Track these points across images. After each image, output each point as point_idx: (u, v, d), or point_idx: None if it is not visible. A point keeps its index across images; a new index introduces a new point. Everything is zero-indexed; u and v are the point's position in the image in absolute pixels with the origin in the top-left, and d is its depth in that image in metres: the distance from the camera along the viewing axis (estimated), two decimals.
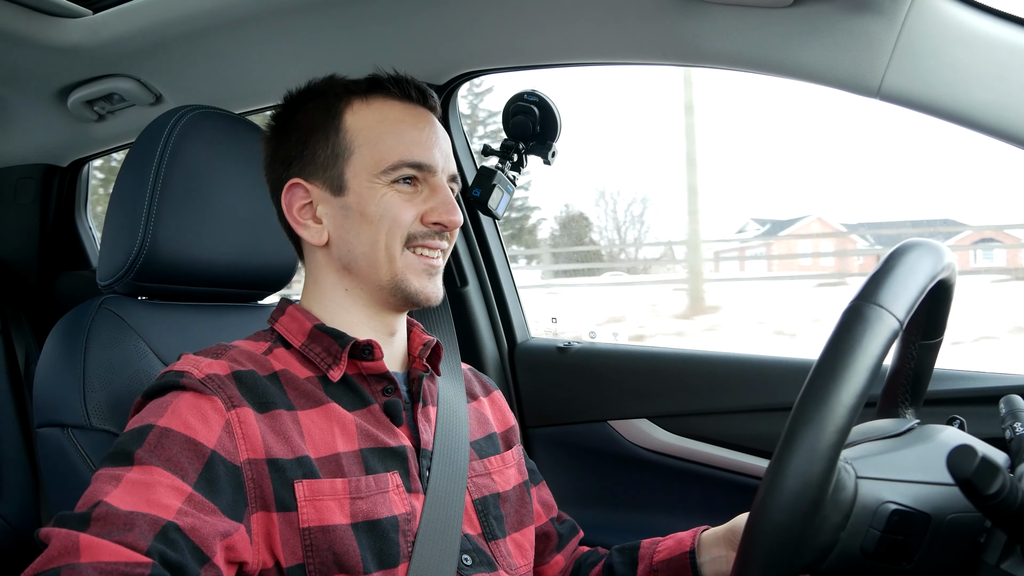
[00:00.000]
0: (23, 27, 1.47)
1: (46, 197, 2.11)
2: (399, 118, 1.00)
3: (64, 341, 1.06)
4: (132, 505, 0.75)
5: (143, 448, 0.80)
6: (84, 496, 0.77)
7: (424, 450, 0.98)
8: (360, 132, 0.99)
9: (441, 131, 1.03)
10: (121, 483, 0.77)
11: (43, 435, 1.02)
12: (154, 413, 0.84)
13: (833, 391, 0.60)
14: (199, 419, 0.84)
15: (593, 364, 1.66)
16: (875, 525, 0.65)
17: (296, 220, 1.01)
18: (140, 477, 0.78)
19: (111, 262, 1.11)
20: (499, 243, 1.76)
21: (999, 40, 0.94)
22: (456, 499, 0.97)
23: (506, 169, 1.53)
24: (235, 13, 1.38)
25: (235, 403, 0.87)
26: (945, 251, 0.72)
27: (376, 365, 0.98)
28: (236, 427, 0.85)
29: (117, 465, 0.80)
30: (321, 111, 1.01)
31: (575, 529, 1.23)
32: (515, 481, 1.10)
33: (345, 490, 0.89)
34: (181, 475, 0.80)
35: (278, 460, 0.86)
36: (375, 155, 0.98)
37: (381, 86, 1.01)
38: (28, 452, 1.84)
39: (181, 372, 0.89)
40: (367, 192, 0.97)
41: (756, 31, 1.09)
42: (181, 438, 0.82)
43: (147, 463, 0.79)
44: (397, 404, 0.98)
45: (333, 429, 0.92)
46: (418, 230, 0.98)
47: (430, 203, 0.99)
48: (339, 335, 0.98)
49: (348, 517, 0.87)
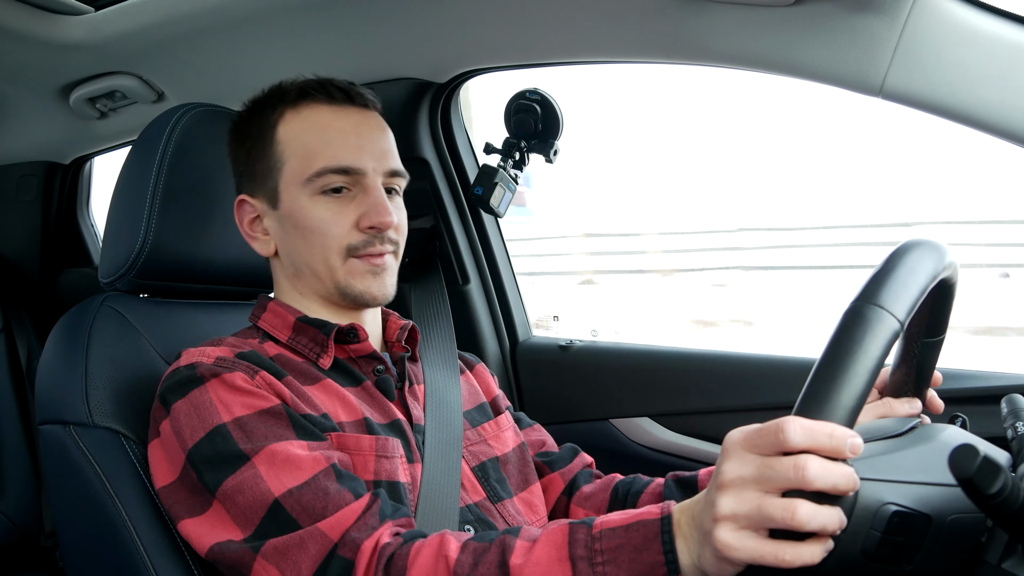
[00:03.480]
0: (25, 24, 1.47)
1: (48, 194, 2.11)
2: (326, 123, 0.99)
3: (66, 338, 1.06)
4: (299, 478, 0.80)
5: (240, 443, 0.83)
6: (245, 513, 0.80)
7: (417, 424, 1.00)
8: (290, 143, 0.99)
9: (375, 129, 1.02)
10: (265, 476, 0.80)
11: (45, 432, 1.02)
12: (208, 413, 0.85)
13: (833, 393, 0.60)
14: (243, 392, 0.86)
15: (595, 362, 1.66)
16: (875, 526, 0.65)
17: (247, 233, 1.05)
18: (270, 460, 0.81)
19: (113, 259, 1.11)
20: (501, 241, 1.76)
21: (1001, 39, 0.94)
22: (452, 470, 0.98)
23: (508, 167, 1.53)
24: (237, 11, 1.38)
25: (254, 371, 0.89)
26: (946, 250, 0.72)
27: (363, 346, 1.01)
28: (266, 388, 0.88)
29: (237, 469, 0.82)
30: (259, 124, 1.02)
31: (575, 451, 1.19)
32: (513, 443, 1.11)
33: (371, 447, 0.90)
34: (287, 438, 0.83)
35: (308, 415, 0.88)
36: (302, 164, 0.98)
37: (307, 92, 1.01)
38: (30, 450, 1.85)
39: (192, 364, 0.90)
40: (296, 203, 0.98)
41: (758, 30, 1.09)
42: (254, 417, 0.84)
43: (260, 448, 0.82)
44: (389, 381, 1.01)
45: (335, 402, 0.94)
46: (356, 240, 0.98)
47: (362, 207, 0.98)
48: (322, 324, 0.99)
49: (372, 474, 0.89)
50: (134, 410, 1.01)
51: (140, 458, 0.97)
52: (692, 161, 11.12)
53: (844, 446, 0.58)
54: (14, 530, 1.77)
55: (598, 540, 0.69)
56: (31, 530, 1.80)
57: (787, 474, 0.58)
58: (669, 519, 0.68)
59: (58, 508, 1.03)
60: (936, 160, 7.57)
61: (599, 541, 0.69)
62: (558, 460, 1.17)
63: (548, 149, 1.51)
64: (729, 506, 0.60)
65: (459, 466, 0.99)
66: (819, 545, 0.59)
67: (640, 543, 0.67)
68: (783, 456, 0.59)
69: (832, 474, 0.58)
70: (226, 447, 0.82)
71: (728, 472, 0.61)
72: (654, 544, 0.67)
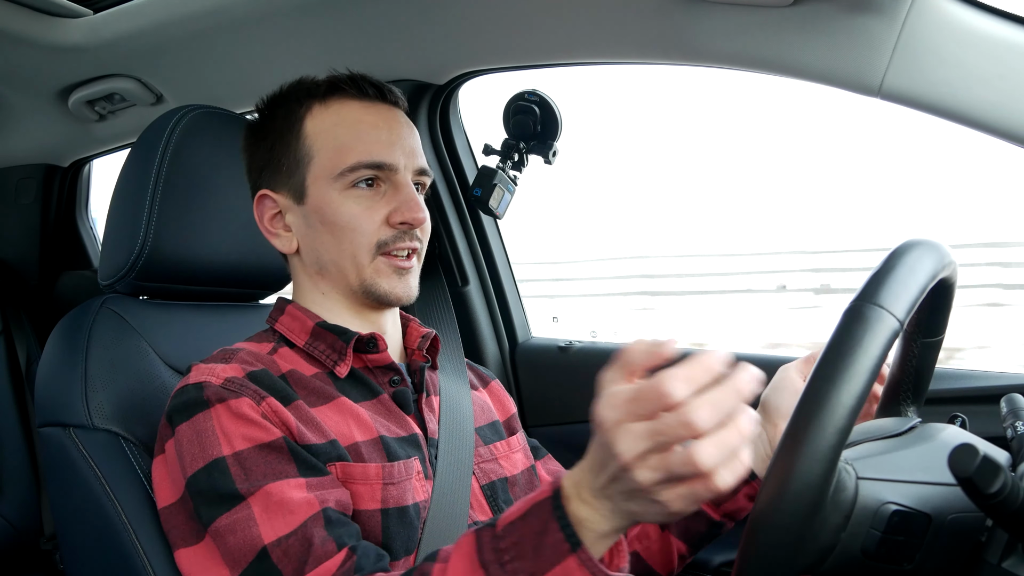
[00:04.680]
0: (24, 27, 1.48)
1: (47, 197, 2.11)
2: (357, 118, 0.99)
3: (65, 341, 1.06)
4: (291, 524, 0.80)
5: (237, 481, 0.82)
6: (234, 554, 0.80)
7: (431, 439, 0.99)
8: (319, 137, 0.98)
9: (405, 126, 1.02)
10: (259, 520, 0.80)
11: (44, 435, 1.02)
12: (209, 443, 0.84)
13: (833, 392, 0.60)
14: (247, 423, 0.85)
15: (594, 363, 1.64)
16: (876, 526, 0.65)
17: (267, 230, 1.02)
18: (265, 503, 0.81)
19: (112, 262, 1.11)
20: (500, 242, 1.76)
21: (1000, 39, 0.94)
22: (463, 485, 0.97)
23: (507, 169, 1.53)
24: (236, 13, 1.38)
25: (262, 396, 0.88)
26: (946, 250, 0.72)
27: (382, 357, 0.99)
28: (272, 416, 0.87)
29: (231, 508, 0.81)
30: (284, 118, 1.01)
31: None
32: (523, 465, 1.10)
33: (378, 475, 0.89)
34: (285, 476, 0.82)
35: (312, 445, 0.87)
36: (332, 159, 0.97)
37: (338, 87, 1.00)
38: (29, 452, 1.85)
39: (200, 384, 0.88)
40: (325, 197, 0.97)
41: (756, 30, 1.09)
42: (254, 451, 0.83)
43: (256, 489, 0.81)
44: (406, 393, 1.00)
45: (348, 421, 0.93)
46: (387, 235, 0.97)
47: (393, 203, 0.97)
48: (342, 331, 0.98)
49: (379, 503, 0.88)
50: (134, 412, 1.01)
51: (140, 460, 0.97)
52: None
53: (717, 366, 0.56)
54: (14, 533, 1.77)
55: (501, 539, 0.67)
56: (31, 533, 1.80)
57: (679, 432, 0.55)
58: (559, 493, 0.65)
59: (58, 511, 1.03)
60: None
61: (502, 539, 0.66)
62: None
63: (547, 150, 1.51)
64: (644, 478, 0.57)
65: (469, 482, 0.98)
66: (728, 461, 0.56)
67: (538, 527, 0.65)
68: (667, 413, 0.56)
69: (722, 406, 0.55)
70: (223, 484, 0.82)
71: (625, 453, 0.58)
72: (551, 524, 0.64)
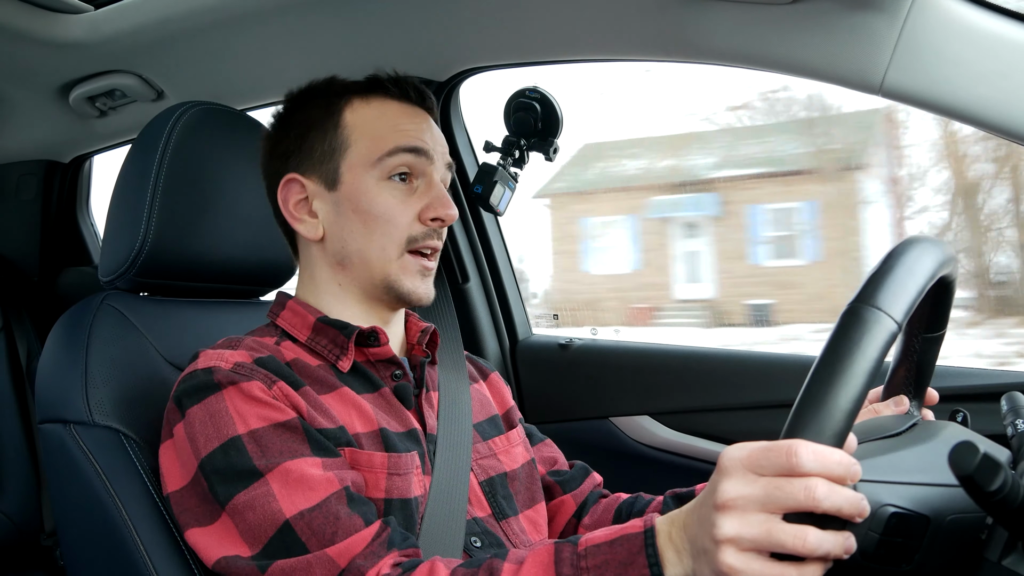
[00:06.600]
0: (25, 23, 1.47)
1: (48, 193, 2.11)
2: (397, 113, 1.01)
3: (66, 337, 1.06)
4: (312, 499, 0.80)
5: (255, 458, 0.82)
6: (254, 530, 0.80)
7: (430, 434, 1.00)
8: (358, 127, 1.00)
9: (437, 129, 1.04)
10: (278, 495, 0.80)
11: (45, 431, 1.02)
12: (223, 423, 0.85)
13: (830, 396, 0.59)
14: (260, 404, 0.86)
15: (594, 361, 1.66)
16: (874, 528, 0.65)
17: (292, 215, 1.01)
18: (284, 479, 0.81)
19: (113, 258, 1.11)
20: (500, 240, 1.76)
21: (1001, 37, 0.94)
22: (460, 482, 0.98)
23: (508, 166, 1.53)
24: (236, 9, 1.38)
25: (272, 380, 0.88)
26: (945, 248, 0.71)
27: (383, 350, 1.00)
28: (283, 399, 0.87)
29: (249, 484, 0.81)
30: (321, 108, 1.01)
31: (586, 471, 1.19)
32: (522, 459, 1.10)
33: (383, 464, 0.90)
34: (301, 455, 0.83)
35: (323, 429, 0.88)
36: (370, 147, 0.98)
37: (381, 86, 1.02)
38: (30, 449, 1.85)
39: (209, 368, 0.88)
40: (360, 185, 0.98)
41: (758, 28, 1.09)
42: (269, 430, 0.84)
43: (274, 465, 0.82)
44: (407, 388, 1.00)
45: (350, 411, 0.93)
46: (418, 231, 0.99)
47: (426, 198, 0.99)
48: (343, 325, 0.98)
49: (383, 492, 0.89)
50: (134, 409, 1.01)
51: (140, 457, 0.98)
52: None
53: (849, 472, 0.58)
54: (14, 529, 1.77)
55: (584, 558, 0.69)
56: (31, 529, 1.81)
57: (797, 496, 0.58)
58: (652, 532, 0.67)
59: (58, 507, 1.03)
60: None
61: (585, 559, 0.69)
62: (570, 480, 1.16)
63: (548, 147, 1.51)
64: (733, 528, 0.60)
65: (467, 479, 0.99)
66: (820, 567, 0.59)
67: (625, 558, 0.67)
68: (791, 478, 0.59)
69: (838, 496, 0.58)
70: (240, 461, 0.82)
71: (729, 491, 0.60)
72: (639, 558, 0.67)
